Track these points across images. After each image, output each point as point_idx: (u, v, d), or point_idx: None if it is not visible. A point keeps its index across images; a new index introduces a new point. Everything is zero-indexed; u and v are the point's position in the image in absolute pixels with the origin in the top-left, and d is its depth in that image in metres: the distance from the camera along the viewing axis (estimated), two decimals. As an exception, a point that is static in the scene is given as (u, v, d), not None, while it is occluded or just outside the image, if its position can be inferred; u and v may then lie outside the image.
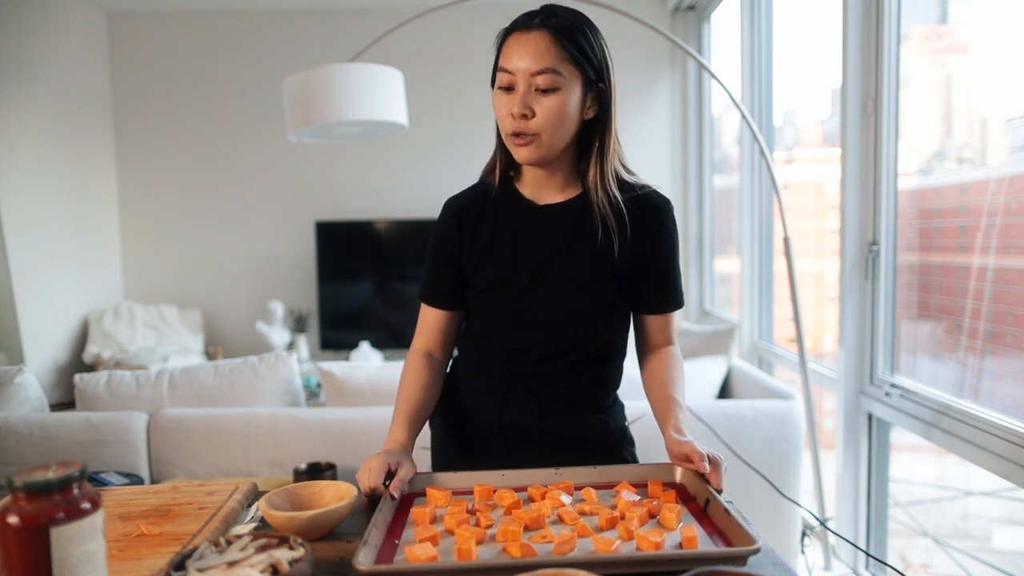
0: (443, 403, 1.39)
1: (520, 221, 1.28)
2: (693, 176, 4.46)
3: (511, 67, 1.17)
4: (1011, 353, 1.95)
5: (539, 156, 1.21)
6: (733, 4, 3.84)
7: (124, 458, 2.17)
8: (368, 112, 2.75)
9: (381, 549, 0.91)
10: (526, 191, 1.30)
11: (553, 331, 1.26)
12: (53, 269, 4.01)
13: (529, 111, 1.17)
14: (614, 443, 1.35)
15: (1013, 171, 1.97)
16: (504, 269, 1.27)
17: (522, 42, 1.17)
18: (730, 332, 2.90)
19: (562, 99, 1.17)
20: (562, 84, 1.17)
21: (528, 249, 1.27)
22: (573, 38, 1.18)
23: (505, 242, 1.28)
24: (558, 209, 1.28)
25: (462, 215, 1.31)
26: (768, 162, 2.57)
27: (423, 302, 1.36)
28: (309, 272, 4.70)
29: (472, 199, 1.32)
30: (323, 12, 4.58)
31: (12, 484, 0.72)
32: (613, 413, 1.37)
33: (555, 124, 1.18)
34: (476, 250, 1.29)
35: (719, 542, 0.91)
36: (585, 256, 1.25)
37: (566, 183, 1.28)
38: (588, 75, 1.20)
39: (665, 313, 1.32)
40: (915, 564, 2.63)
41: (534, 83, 1.16)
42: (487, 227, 1.29)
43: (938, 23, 2.40)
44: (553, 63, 1.16)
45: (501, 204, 1.30)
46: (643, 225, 1.26)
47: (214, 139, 4.66)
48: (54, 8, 4.06)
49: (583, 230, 1.26)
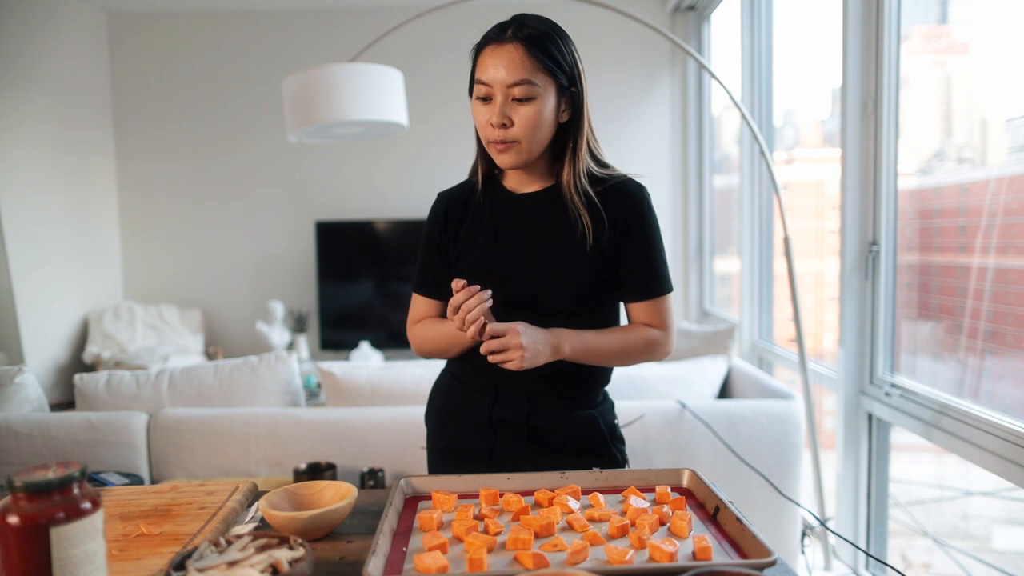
0: (437, 399, 1.43)
1: (501, 209, 1.34)
2: (693, 176, 4.46)
3: (487, 79, 1.23)
4: (1011, 353, 1.95)
5: (520, 161, 1.27)
6: (733, 4, 3.84)
7: (124, 458, 2.17)
8: (368, 112, 2.75)
9: (389, 557, 0.91)
10: (508, 184, 1.37)
11: (536, 320, 1.26)
12: (53, 269, 4.01)
13: (508, 120, 1.23)
14: (603, 440, 1.36)
15: (1013, 171, 1.97)
16: (486, 256, 1.32)
17: (496, 55, 1.22)
18: (730, 332, 2.90)
19: (538, 107, 1.23)
20: (537, 93, 1.23)
21: (510, 235, 1.32)
22: (545, 48, 1.23)
23: (488, 231, 1.33)
24: (536, 197, 1.33)
25: (449, 207, 1.38)
26: (768, 162, 2.57)
27: (416, 293, 1.42)
28: (309, 272, 4.70)
29: (460, 192, 1.39)
30: (323, 12, 4.58)
31: (12, 484, 0.72)
32: (602, 411, 1.38)
33: (532, 131, 1.24)
34: (461, 240, 1.35)
35: (731, 551, 0.91)
36: (563, 243, 1.30)
37: (544, 176, 1.34)
38: (561, 82, 1.25)
39: (649, 299, 1.33)
40: (916, 564, 2.63)
41: (511, 93, 1.22)
42: (472, 218, 1.35)
43: (938, 23, 2.40)
44: (527, 74, 1.22)
45: (486, 196, 1.36)
46: (617, 213, 1.30)
47: (214, 139, 4.66)
48: (54, 8, 4.06)
49: (560, 217, 1.31)
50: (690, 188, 4.49)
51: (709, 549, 0.88)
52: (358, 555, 0.96)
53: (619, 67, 4.49)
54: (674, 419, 2.22)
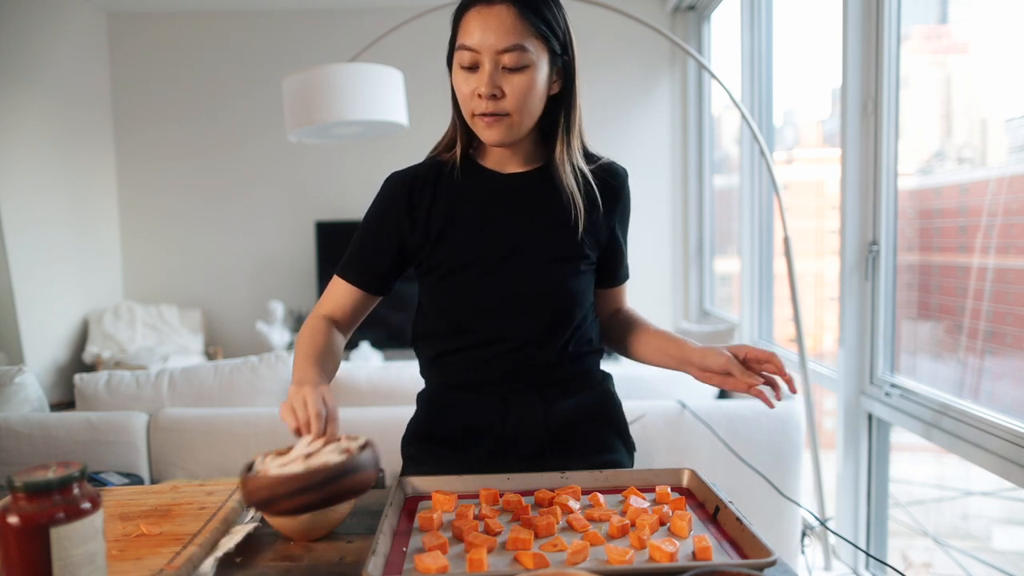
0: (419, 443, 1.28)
1: (486, 193, 1.20)
2: (693, 176, 4.46)
3: (475, 44, 1.09)
4: (1011, 353, 1.95)
5: (509, 136, 1.14)
6: (733, 4, 3.84)
7: (124, 458, 2.17)
8: (368, 112, 2.75)
9: (389, 557, 0.90)
10: (489, 164, 1.23)
11: (525, 309, 1.17)
12: (53, 269, 4.01)
13: (498, 91, 1.10)
14: (621, 422, 1.31)
15: (1013, 171, 1.97)
16: (470, 245, 1.19)
17: (484, 17, 1.09)
18: (730, 332, 2.90)
19: (531, 76, 1.11)
20: (530, 60, 1.10)
21: (498, 221, 1.19)
22: (538, 10, 1.11)
23: (470, 217, 1.19)
24: (524, 178, 1.21)
25: (413, 191, 1.21)
26: (768, 162, 2.57)
27: (340, 277, 1.25)
28: (309, 272, 4.70)
29: (424, 174, 1.22)
30: (323, 12, 4.58)
31: (12, 484, 0.72)
32: (606, 390, 1.31)
33: (525, 102, 1.12)
34: (433, 228, 1.20)
35: (731, 551, 0.91)
36: (557, 227, 1.19)
37: (529, 156, 1.22)
38: (554, 48, 1.13)
39: (623, 283, 1.33)
40: (917, 564, 2.63)
41: (500, 60, 1.09)
42: (445, 203, 1.20)
43: (938, 23, 2.40)
44: (520, 39, 1.09)
45: (461, 179, 1.21)
46: (610, 196, 1.23)
47: (214, 139, 4.66)
48: (54, 8, 4.06)
49: (554, 199, 1.20)
50: (690, 188, 4.49)
51: (709, 549, 0.88)
52: (358, 555, 0.96)
53: (619, 67, 4.49)
54: (674, 419, 2.22)
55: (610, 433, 1.28)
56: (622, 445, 1.30)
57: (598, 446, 1.26)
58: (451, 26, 1.15)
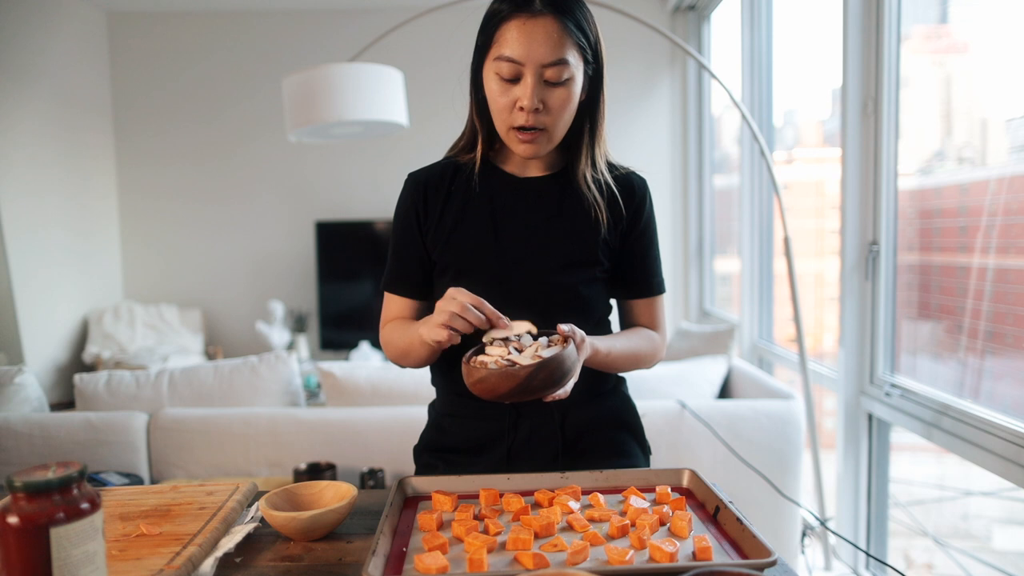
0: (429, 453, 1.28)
1: (502, 195, 1.20)
2: (693, 176, 4.46)
3: (518, 56, 1.07)
4: (1011, 353, 1.95)
5: (544, 151, 1.14)
6: (733, 4, 3.84)
7: (124, 458, 2.17)
8: (368, 112, 2.75)
9: (389, 558, 0.90)
10: (509, 167, 1.22)
11: (537, 317, 1.14)
12: (53, 269, 4.01)
13: (541, 104, 1.09)
14: (637, 426, 1.29)
15: (1013, 171, 1.97)
16: (481, 247, 1.18)
17: (530, 29, 1.06)
18: (730, 332, 2.90)
19: (571, 90, 1.10)
20: (571, 73, 1.09)
21: (511, 224, 1.18)
22: (578, 21, 1.09)
23: (482, 218, 1.18)
24: (543, 183, 1.20)
25: (428, 190, 1.21)
26: (768, 162, 2.57)
27: (388, 291, 1.24)
28: (309, 272, 4.70)
29: (438, 174, 1.23)
30: (323, 12, 4.58)
31: (12, 484, 0.72)
32: (622, 393, 1.30)
33: (563, 116, 1.11)
34: (445, 228, 1.19)
35: (731, 551, 0.91)
36: (574, 235, 1.18)
37: (551, 161, 1.22)
38: (588, 59, 1.13)
39: (648, 297, 1.27)
40: (918, 564, 2.63)
41: (543, 74, 1.08)
42: (458, 203, 1.20)
43: (938, 23, 2.40)
44: (564, 52, 1.07)
45: (478, 179, 1.20)
46: (629, 205, 1.21)
47: (214, 139, 4.66)
48: (54, 8, 4.06)
49: (570, 205, 1.19)
50: (690, 188, 4.49)
51: (709, 549, 0.88)
52: (358, 555, 0.95)
53: (619, 67, 4.48)
54: (674, 419, 2.22)
55: (627, 438, 1.28)
56: (639, 449, 1.29)
57: (616, 451, 1.25)
58: (482, 32, 1.13)
